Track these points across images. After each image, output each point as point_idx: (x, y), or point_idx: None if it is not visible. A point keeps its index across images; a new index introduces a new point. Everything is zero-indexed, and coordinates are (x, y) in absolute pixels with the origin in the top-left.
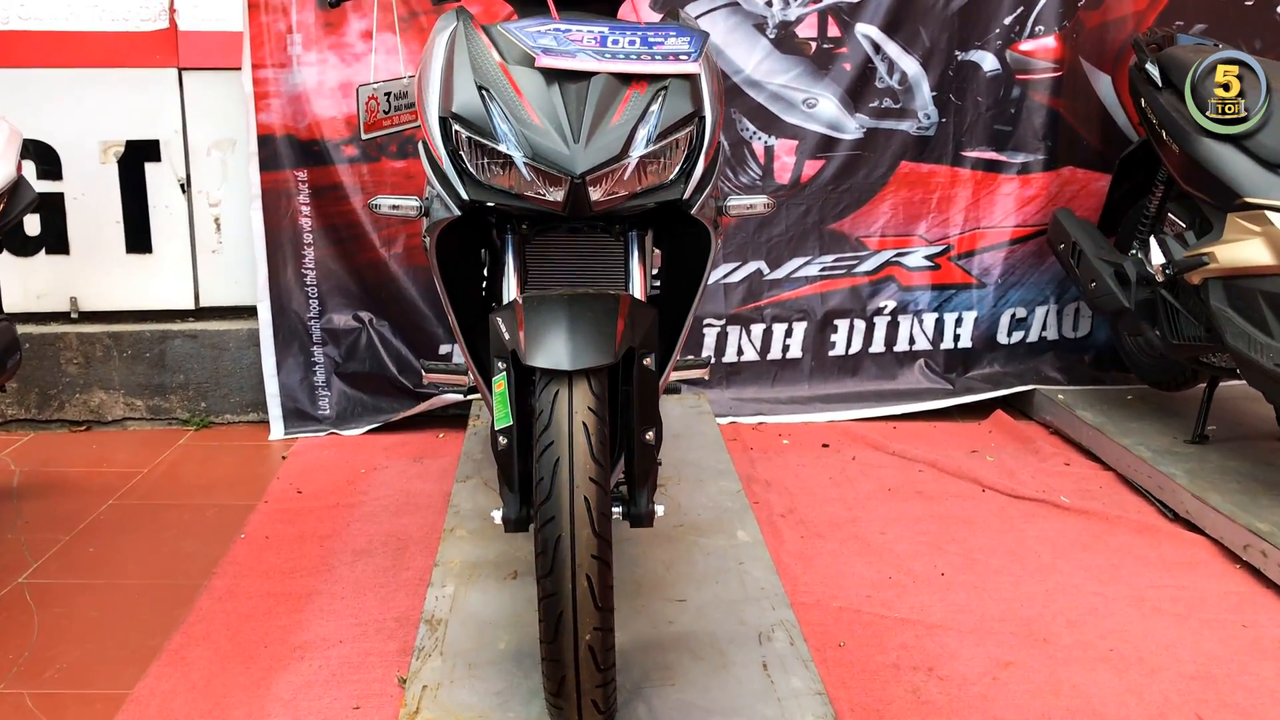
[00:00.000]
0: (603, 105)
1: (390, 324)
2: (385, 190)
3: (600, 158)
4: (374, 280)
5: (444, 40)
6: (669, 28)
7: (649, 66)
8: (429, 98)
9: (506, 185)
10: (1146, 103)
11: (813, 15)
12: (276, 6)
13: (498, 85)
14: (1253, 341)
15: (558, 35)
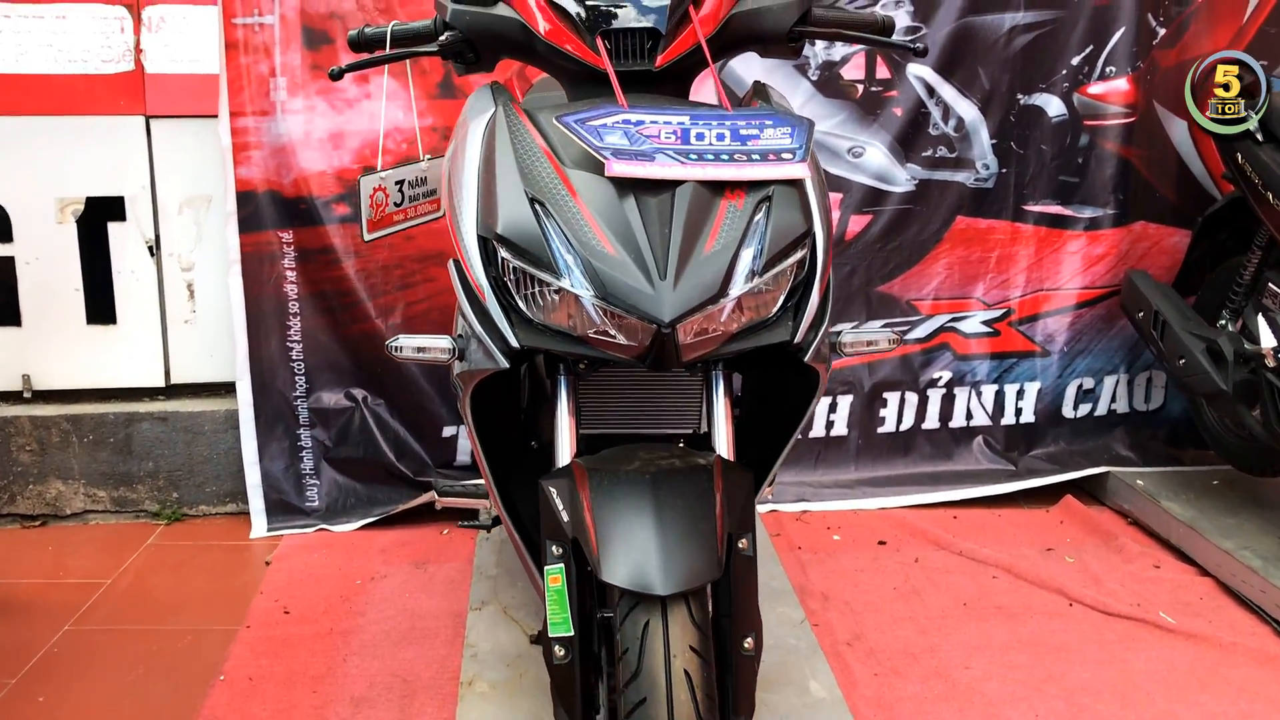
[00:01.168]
0: (693, 225)
1: (387, 403)
2: (383, 256)
3: (694, 298)
4: (369, 354)
5: (479, 130)
6: (763, 115)
7: (747, 170)
8: (462, 208)
9: (567, 326)
10: (1244, 157)
11: (860, 55)
12: (258, 46)
13: (555, 197)
14: None
15: (628, 130)
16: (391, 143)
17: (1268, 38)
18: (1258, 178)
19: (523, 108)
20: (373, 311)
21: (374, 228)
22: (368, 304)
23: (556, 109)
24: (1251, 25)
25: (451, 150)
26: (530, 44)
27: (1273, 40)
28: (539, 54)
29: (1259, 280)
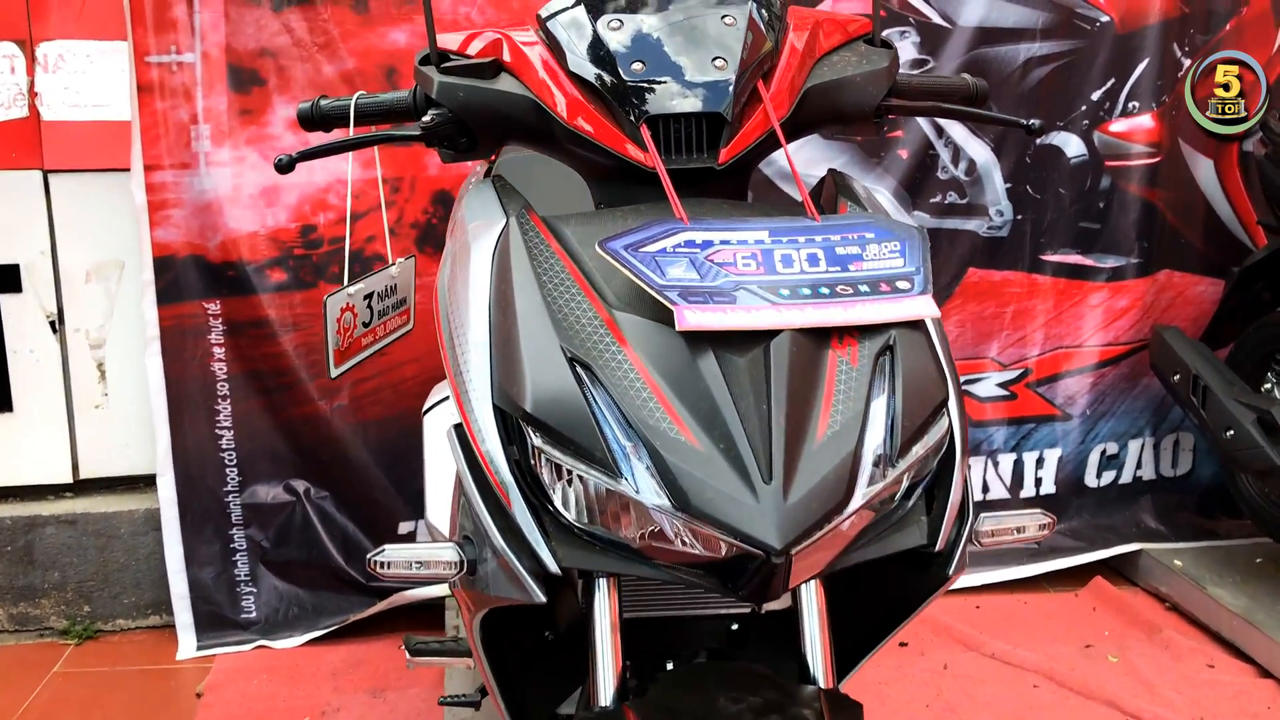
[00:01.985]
0: (798, 395)
1: (334, 496)
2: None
3: (814, 511)
4: (311, 440)
5: (486, 252)
6: (861, 225)
7: (859, 311)
8: (468, 365)
9: (625, 536)
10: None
11: None
12: (176, 89)
13: (604, 356)
14: None
15: (694, 257)
16: (335, 197)
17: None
18: None
19: (542, 217)
20: (315, 393)
21: (342, 358)
22: (309, 384)
23: (585, 220)
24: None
25: (448, 274)
26: (546, 128)
27: None
28: (556, 141)
29: None
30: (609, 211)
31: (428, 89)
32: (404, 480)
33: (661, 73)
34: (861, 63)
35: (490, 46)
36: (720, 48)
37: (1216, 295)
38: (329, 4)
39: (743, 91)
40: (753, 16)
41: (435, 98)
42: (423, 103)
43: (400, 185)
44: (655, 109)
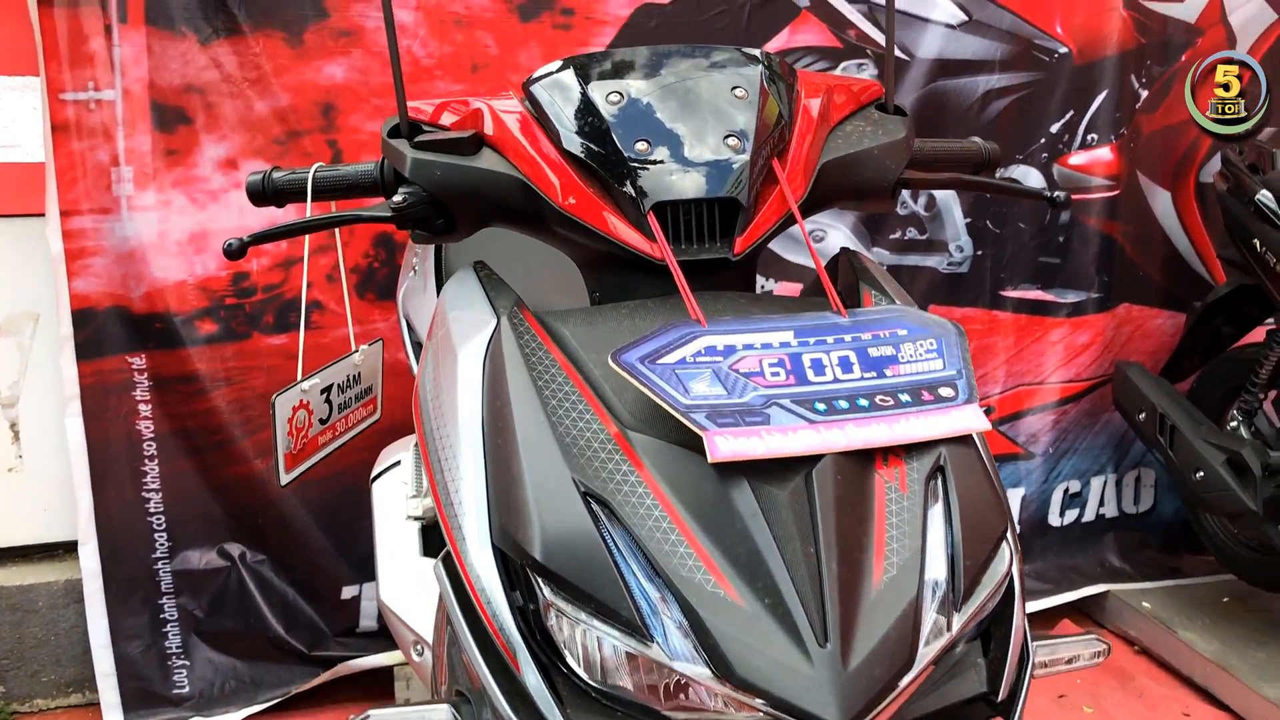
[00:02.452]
0: (848, 534)
1: (271, 560)
2: (260, 382)
3: (878, 677)
4: (247, 502)
5: (475, 359)
6: (890, 321)
7: (906, 427)
8: (459, 495)
9: (648, 699)
10: (1264, 244)
11: None
12: (95, 128)
13: (623, 490)
14: None
15: (717, 367)
16: (268, 260)
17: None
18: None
19: (537, 316)
20: (250, 450)
21: (295, 462)
22: (243, 441)
23: (586, 320)
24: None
25: (430, 379)
26: (535, 211)
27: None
28: (546, 224)
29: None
30: (612, 309)
31: (399, 165)
32: (347, 542)
33: (668, 152)
34: (878, 133)
35: (469, 118)
36: (732, 123)
37: (1175, 328)
38: (260, 36)
39: (758, 173)
40: (764, 86)
41: (408, 176)
42: (391, 178)
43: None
44: (663, 194)
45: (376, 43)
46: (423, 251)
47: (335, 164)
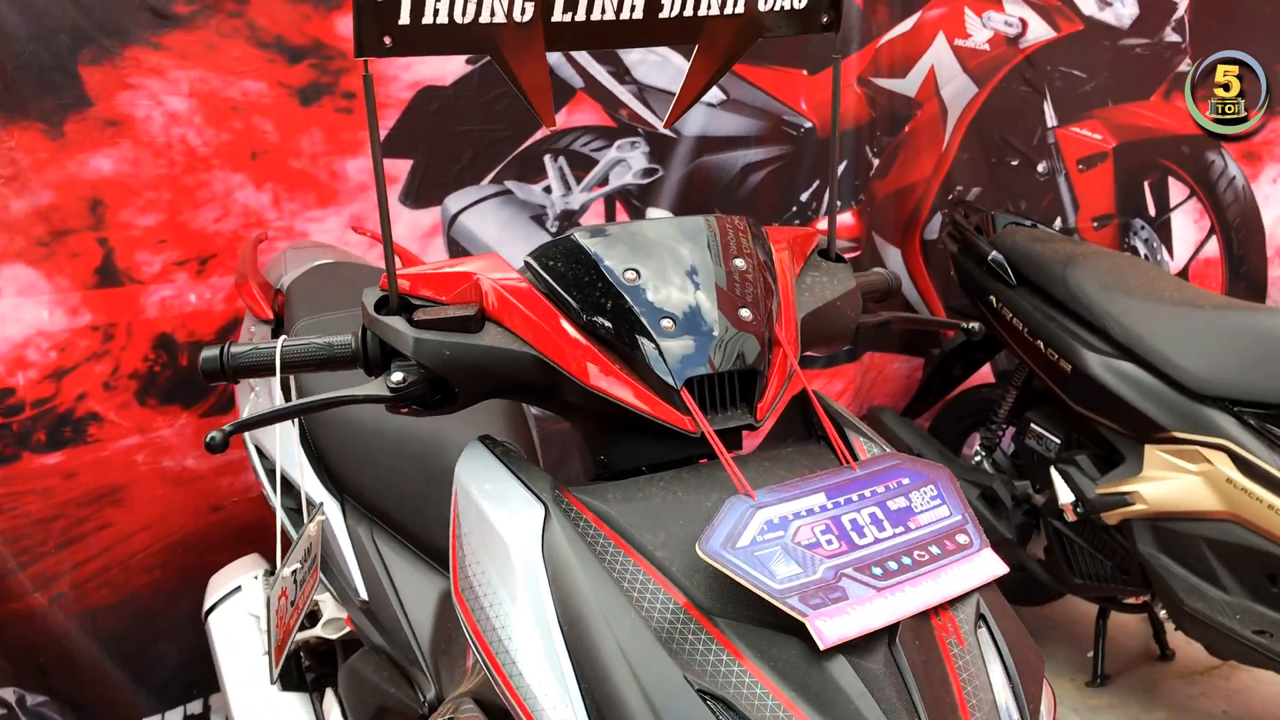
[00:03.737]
0: (941, 702)
1: (56, 698)
2: (35, 507)
3: None
4: (27, 640)
5: (525, 552)
6: (889, 471)
7: (947, 584)
8: (542, 691)
9: None
10: (999, 300)
11: (598, 202)
12: None
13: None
14: (1196, 593)
15: (784, 545)
16: (35, 351)
17: (962, 162)
18: (1020, 323)
19: (579, 498)
20: (28, 584)
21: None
22: (19, 574)
23: (627, 498)
24: (949, 152)
25: (475, 577)
26: (551, 385)
27: (965, 164)
28: (559, 396)
29: (1019, 420)
30: (645, 481)
31: (398, 344)
32: (143, 670)
33: (691, 329)
34: (834, 283)
35: (467, 291)
36: (743, 298)
37: (911, 370)
38: (15, 129)
39: (768, 342)
40: (760, 259)
41: (413, 356)
42: (377, 354)
43: (114, 332)
44: (691, 370)
45: (147, 132)
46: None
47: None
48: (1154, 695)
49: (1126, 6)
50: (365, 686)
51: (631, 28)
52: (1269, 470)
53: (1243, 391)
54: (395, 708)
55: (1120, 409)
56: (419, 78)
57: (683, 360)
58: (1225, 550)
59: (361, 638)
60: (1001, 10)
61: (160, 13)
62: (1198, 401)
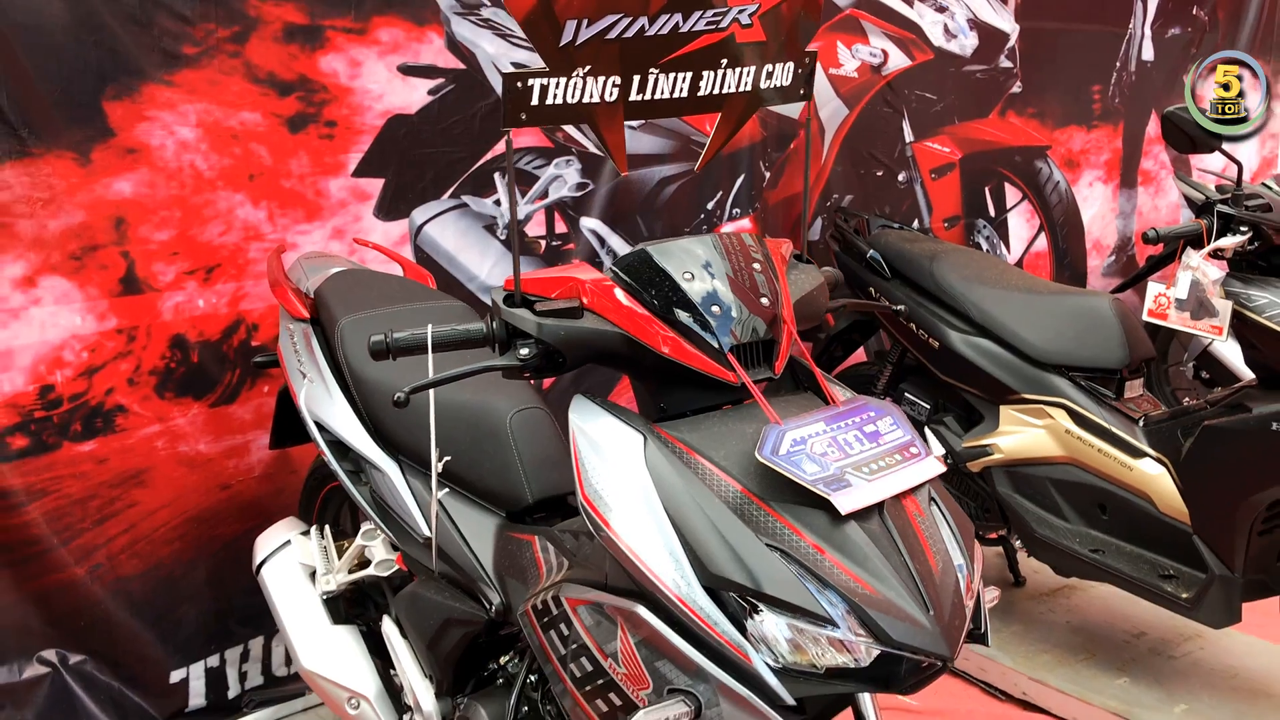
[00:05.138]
0: (911, 545)
1: (96, 659)
2: (75, 489)
3: (958, 627)
4: (67, 607)
5: (632, 464)
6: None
7: (911, 473)
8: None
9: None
10: (878, 292)
11: (540, 213)
12: None
13: (788, 542)
14: (1044, 523)
15: (808, 453)
16: (69, 353)
17: (838, 174)
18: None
19: (666, 429)
20: (70, 558)
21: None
22: (61, 550)
23: (695, 428)
24: (827, 165)
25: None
26: (633, 354)
27: (840, 175)
28: (638, 362)
29: (896, 391)
30: (705, 419)
31: (525, 328)
32: (169, 629)
33: (732, 313)
34: (808, 279)
35: (567, 288)
36: (763, 290)
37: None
38: (50, 157)
39: (777, 319)
40: (767, 261)
41: (538, 336)
42: (504, 335)
43: (136, 334)
44: (738, 338)
45: (161, 158)
46: (308, 358)
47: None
48: (1011, 613)
49: (968, 38)
50: (427, 606)
51: (679, 103)
52: (1098, 422)
53: (1074, 359)
54: (459, 618)
55: (979, 377)
56: (389, 107)
57: (725, 334)
58: (1066, 488)
59: (419, 569)
60: (867, 43)
61: (171, 53)
62: (1040, 368)
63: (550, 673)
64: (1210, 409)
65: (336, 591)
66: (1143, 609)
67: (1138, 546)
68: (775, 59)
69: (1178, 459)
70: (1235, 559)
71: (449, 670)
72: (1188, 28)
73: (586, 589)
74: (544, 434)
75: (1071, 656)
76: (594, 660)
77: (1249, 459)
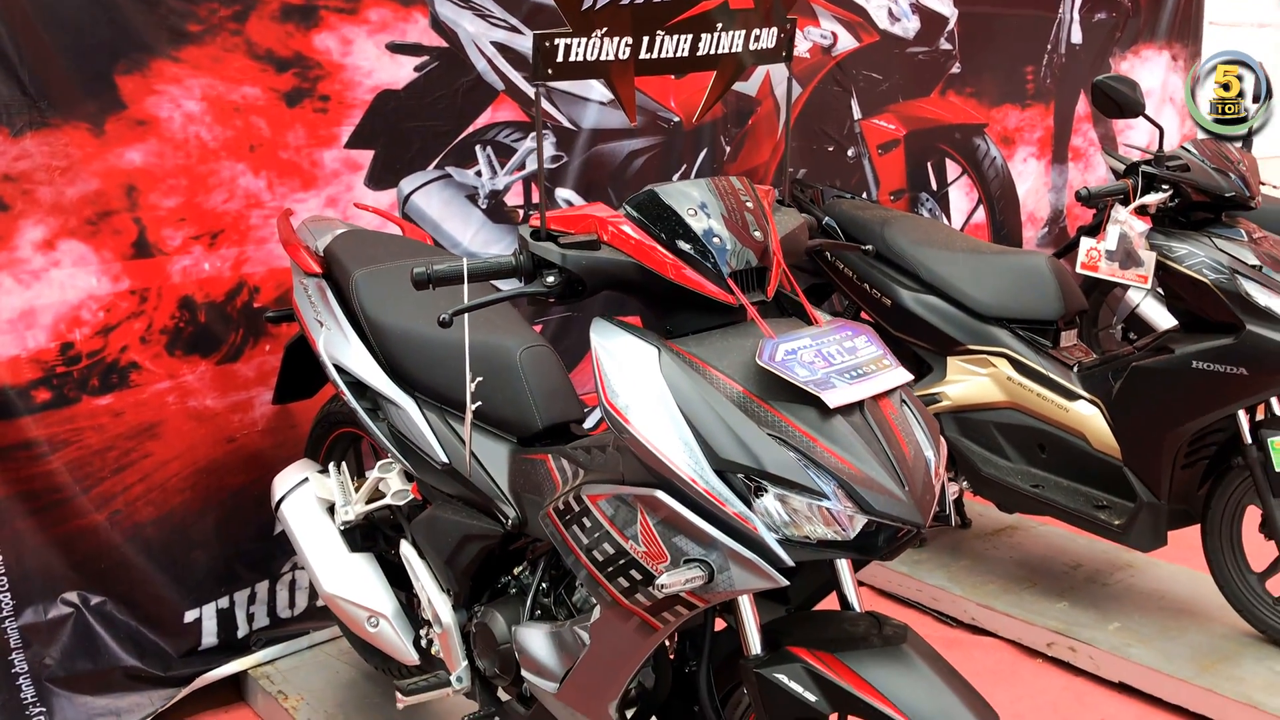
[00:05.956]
0: (888, 434)
1: (115, 600)
2: (94, 440)
3: (929, 499)
4: (88, 551)
5: (649, 373)
6: (840, 329)
7: (885, 379)
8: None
9: (812, 536)
10: (833, 255)
11: (518, 183)
12: None
13: (786, 432)
14: (989, 463)
15: (800, 361)
16: (87, 312)
17: (792, 149)
18: (850, 271)
19: (677, 344)
20: (89, 505)
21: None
22: (82, 498)
23: (700, 343)
24: (782, 140)
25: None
26: (644, 281)
27: (795, 150)
28: (649, 288)
29: None
30: (707, 336)
31: (551, 258)
32: (184, 572)
33: (731, 244)
34: (791, 220)
35: (585, 225)
36: (756, 225)
37: None
38: (68, 129)
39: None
40: (759, 200)
41: (563, 265)
42: (529, 266)
43: (147, 295)
44: (734, 267)
45: (169, 130)
46: (324, 309)
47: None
48: (960, 552)
49: (911, 21)
50: (446, 525)
51: (680, 62)
52: (1037, 369)
53: (1014, 312)
54: (476, 534)
55: (928, 331)
56: (378, 83)
57: (723, 263)
58: (1008, 430)
59: (436, 495)
60: (818, 25)
61: (177, 30)
62: (983, 322)
63: (573, 563)
64: (1138, 353)
65: (354, 522)
66: (1080, 545)
67: (1074, 481)
68: (761, 24)
69: (1109, 399)
70: (1161, 487)
71: (466, 583)
72: (1112, 13)
73: (606, 485)
74: (550, 368)
75: (1016, 586)
76: (615, 544)
77: (1173, 395)
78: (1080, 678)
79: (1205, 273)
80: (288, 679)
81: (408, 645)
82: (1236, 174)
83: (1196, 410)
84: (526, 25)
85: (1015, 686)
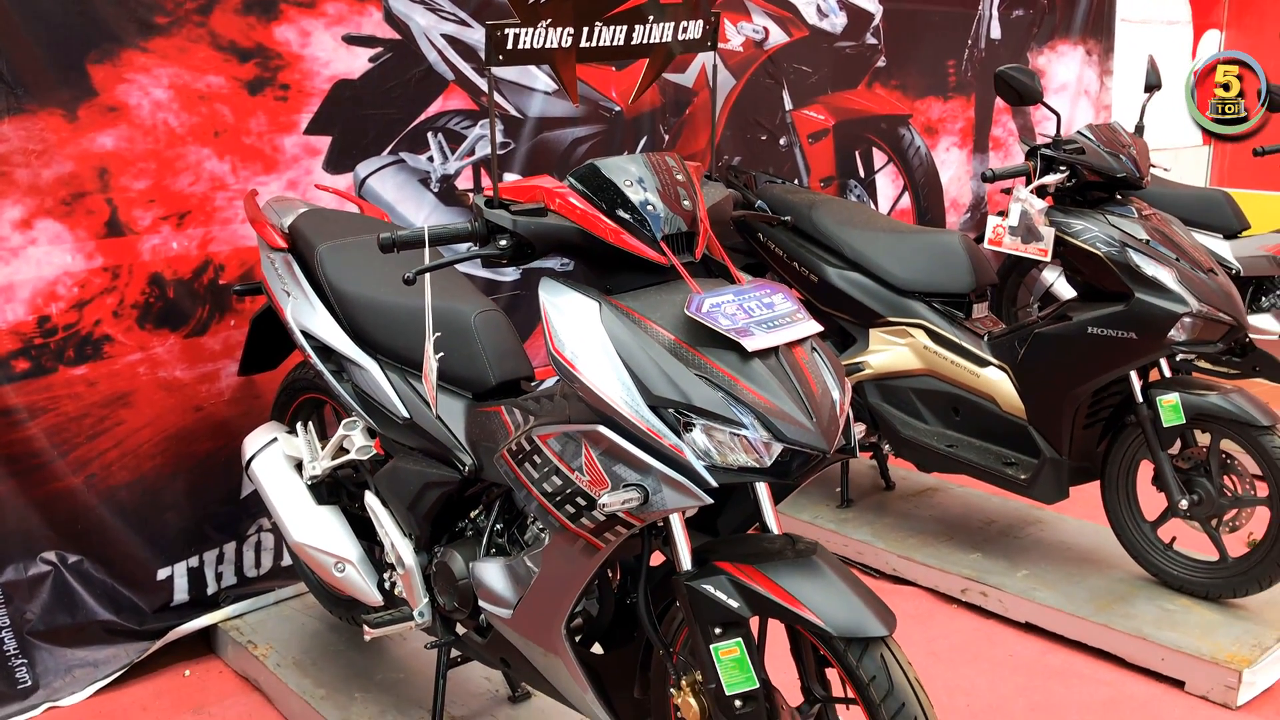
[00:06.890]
0: (799, 375)
1: (92, 558)
2: (71, 408)
3: (834, 430)
4: (65, 513)
5: (591, 323)
6: (760, 288)
7: (800, 329)
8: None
9: (733, 463)
10: (765, 236)
11: (468, 168)
12: None
13: (711, 373)
14: (908, 426)
15: (723, 312)
16: (62, 287)
17: (727, 137)
18: (780, 250)
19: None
20: (67, 469)
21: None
22: (60, 462)
23: (636, 298)
24: (718, 129)
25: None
26: (586, 244)
27: (729, 139)
28: (589, 250)
29: None
30: (643, 292)
31: (503, 224)
32: (155, 533)
33: (662, 210)
34: (716, 193)
35: (533, 194)
36: (685, 195)
37: None
38: (43, 114)
39: (694, 221)
40: (689, 173)
41: (515, 230)
42: (483, 231)
43: (119, 272)
44: (666, 232)
45: (137, 116)
46: (291, 280)
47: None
48: (884, 511)
49: (839, 17)
50: (407, 474)
51: (617, 50)
52: (951, 338)
53: (931, 287)
54: (436, 481)
55: (851, 305)
56: (335, 72)
57: (656, 229)
58: (925, 395)
59: (398, 448)
60: (750, 20)
61: (145, 22)
62: (902, 296)
63: (525, 497)
64: (1040, 321)
65: (321, 477)
66: (994, 504)
67: (985, 440)
68: (688, 16)
69: (1015, 364)
70: (1063, 445)
71: (427, 527)
72: (1029, 9)
73: (554, 425)
74: (502, 330)
75: (934, 540)
76: (563, 475)
77: (1071, 358)
78: (990, 620)
79: (1099, 246)
80: (256, 630)
81: (371, 588)
82: (1128, 156)
83: (1092, 372)
84: (475, 19)
85: (931, 628)
